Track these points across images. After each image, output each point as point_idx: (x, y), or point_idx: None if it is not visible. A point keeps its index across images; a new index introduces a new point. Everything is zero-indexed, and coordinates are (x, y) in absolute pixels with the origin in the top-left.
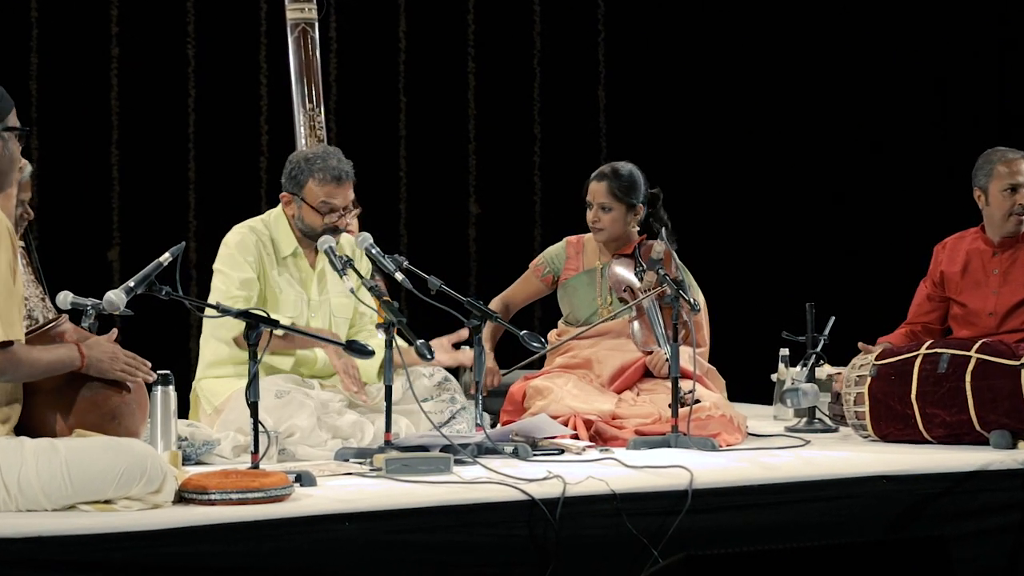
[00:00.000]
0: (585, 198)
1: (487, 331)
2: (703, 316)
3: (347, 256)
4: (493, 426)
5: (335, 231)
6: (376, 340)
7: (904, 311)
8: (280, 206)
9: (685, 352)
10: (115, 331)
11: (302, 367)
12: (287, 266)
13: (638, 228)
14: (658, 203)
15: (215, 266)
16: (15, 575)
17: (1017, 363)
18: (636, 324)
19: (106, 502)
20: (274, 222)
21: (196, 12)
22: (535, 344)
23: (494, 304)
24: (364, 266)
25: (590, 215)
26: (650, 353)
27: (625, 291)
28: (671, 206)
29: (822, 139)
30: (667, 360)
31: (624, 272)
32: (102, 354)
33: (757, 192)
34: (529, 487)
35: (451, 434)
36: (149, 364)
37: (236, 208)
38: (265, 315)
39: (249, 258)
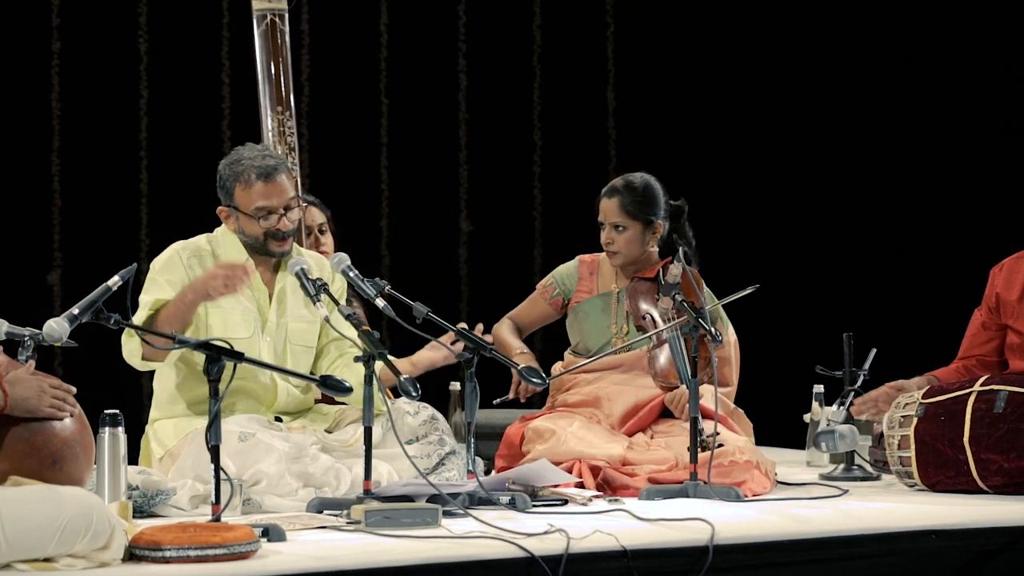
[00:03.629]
0: (597, 217)
1: (508, 328)
2: (733, 352)
3: (320, 279)
4: (487, 473)
5: (278, 235)
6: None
7: (956, 341)
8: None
9: (707, 390)
10: (32, 363)
11: (262, 404)
12: None
13: (658, 247)
14: (682, 217)
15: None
16: None
17: None
18: (659, 356)
19: (46, 560)
20: (221, 237)
21: (149, 1)
22: (535, 379)
23: (504, 322)
24: (339, 290)
25: (603, 236)
26: (670, 389)
27: (645, 319)
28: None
29: (861, 147)
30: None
31: (646, 298)
32: (27, 391)
33: (787, 208)
34: (528, 542)
35: (439, 482)
36: (74, 390)
37: (194, 225)
38: (229, 347)
39: (172, 277)
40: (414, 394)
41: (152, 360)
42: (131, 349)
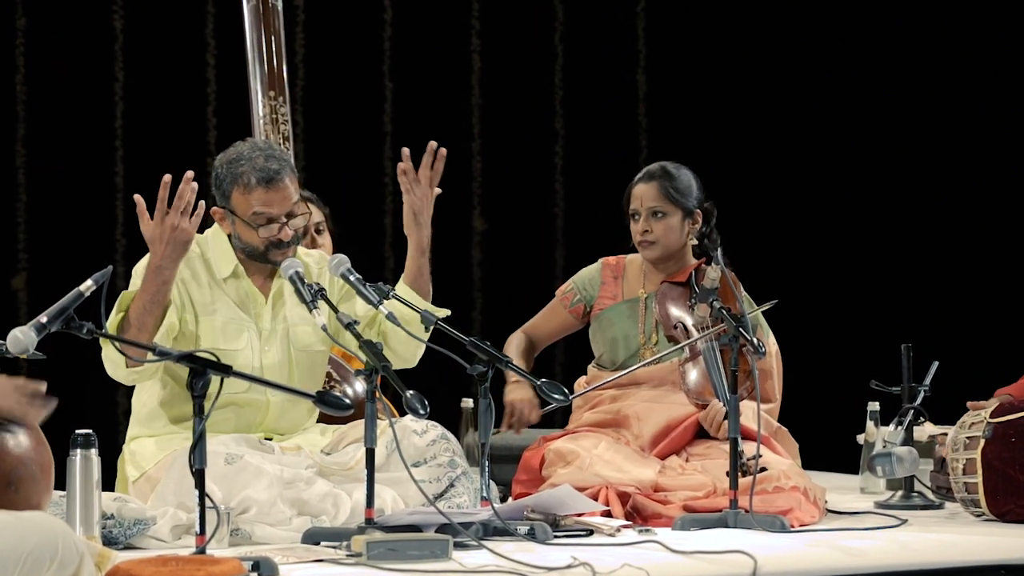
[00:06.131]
0: (628, 207)
1: (516, 346)
2: (775, 365)
3: (318, 284)
4: (504, 500)
5: (280, 245)
6: None
7: None
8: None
9: (748, 407)
10: None
11: (251, 424)
12: (226, 290)
13: (695, 242)
14: (711, 221)
15: None
16: None
17: None
18: (692, 370)
19: None
20: (212, 238)
21: None
22: (556, 395)
23: (515, 336)
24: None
25: (637, 226)
26: (705, 406)
27: (676, 327)
28: (727, 222)
29: (925, 137)
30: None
31: (677, 304)
32: None
33: (839, 206)
34: None
35: (450, 509)
36: (43, 387)
37: None
38: (215, 359)
39: None
40: (422, 412)
41: (137, 368)
42: (113, 360)
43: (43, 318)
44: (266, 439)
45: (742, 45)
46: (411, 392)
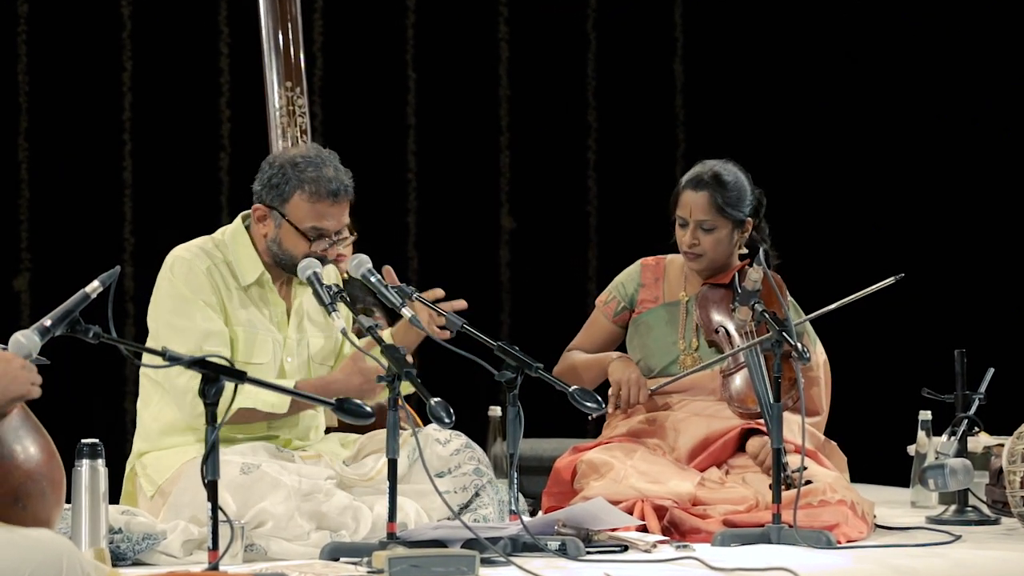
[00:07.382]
0: (674, 209)
1: (576, 354)
2: (823, 374)
3: (337, 286)
4: (533, 514)
5: (323, 261)
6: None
7: None
8: (236, 222)
9: (794, 421)
10: None
11: (279, 430)
12: (251, 298)
13: (745, 251)
14: (760, 211)
15: (161, 318)
16: None
17: None
18: (735, 376)
19: None
20: (230, 241)
21: None
22: (589, 403)
23: (566, 356)
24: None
25: (685, 236)
26: (748, 415)
27: (717, 332)
28: (771, 221)
29: (977, 134)
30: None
31: (719, 308)
32: None
33: (887, 203)
34: None
35: (476, 523)
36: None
37: (187, 222)
38: (229, 364)
39: (209, 299)
40: (447, 421)
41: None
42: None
43: (47, 321)
44: (284, 447)
45: (784, 32)
46: (436, 400)
